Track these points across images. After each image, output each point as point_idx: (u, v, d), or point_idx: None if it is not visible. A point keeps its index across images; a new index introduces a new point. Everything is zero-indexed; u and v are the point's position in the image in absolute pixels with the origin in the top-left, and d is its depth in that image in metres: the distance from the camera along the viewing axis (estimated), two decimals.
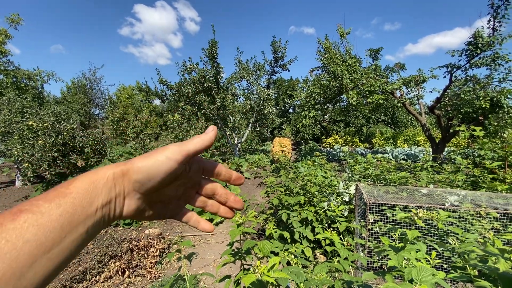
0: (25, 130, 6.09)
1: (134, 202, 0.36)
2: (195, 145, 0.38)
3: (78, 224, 0.29)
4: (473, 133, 4.47)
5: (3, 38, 14.57)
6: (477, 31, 8.24)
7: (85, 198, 0.30)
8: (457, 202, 2.71)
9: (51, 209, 0.27)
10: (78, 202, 0.29)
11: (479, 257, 1.34)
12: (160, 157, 0.35)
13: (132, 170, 0.35)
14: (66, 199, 0.29)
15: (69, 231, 0.28)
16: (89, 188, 0.31)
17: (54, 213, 0.27)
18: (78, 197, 0.30)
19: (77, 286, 3.02)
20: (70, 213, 0.28)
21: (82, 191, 0.30)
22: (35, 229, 0.25)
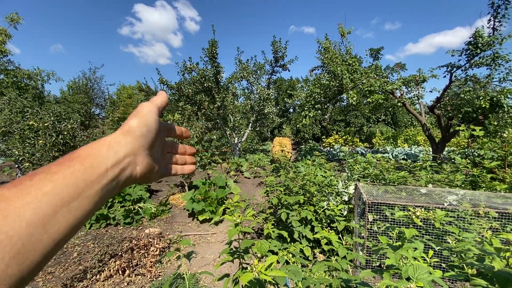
0: (25, 130, 6.11)
1: (144, 158, 0.40)
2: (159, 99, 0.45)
3: (92, 182, 0.32)
4: (473, 132, 4.47)
5: (3, 37, 14.57)
6: (477, 31, 8.23)
7: (93, 159, 0.33)
8: (455, 202, 2.72)
9: (62, 169, 0.30)
10: (87, 163, 0.32)
11: (476, 256, 1.35)
12: (145, 112, 0.41)
13: (133, 128, 0.39)
14: (74, 161, 0.32)
15: (84, 187, 0.31)
16: (92, 152, 0.34)
17: (65, 172, 0.30)
18: (86, 159, 0.33)
19: (78, 285, 3.04)
20: (81, 171, 0.31)
21: (87, 154, 0.33)
22: (51, 184, 0.28)
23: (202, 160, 7.21)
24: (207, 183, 5.98)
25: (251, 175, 10.04)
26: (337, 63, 9.25)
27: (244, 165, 10.76)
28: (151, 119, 0.41)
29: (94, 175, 0.32)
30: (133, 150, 0.38)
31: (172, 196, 6.72)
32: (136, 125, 0.39)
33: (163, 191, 7.44)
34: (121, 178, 0.37)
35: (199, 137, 7.19)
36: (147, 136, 0.40)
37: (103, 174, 0.33)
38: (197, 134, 7.06)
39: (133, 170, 0.39)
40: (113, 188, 0.36)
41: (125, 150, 0.37)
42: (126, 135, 0.38)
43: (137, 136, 0.39)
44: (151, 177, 0.44)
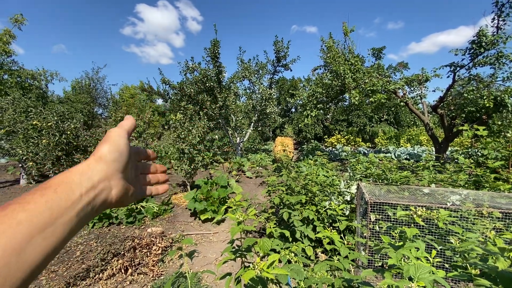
0: (29, 130, 6.16)
1: (119, 182, 0.41)
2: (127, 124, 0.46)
3: (66, 208, 0.32)
4: (477, 132, 4.44)
5: (7, 38, 14.69)
6: (481, 30, 8.17)
7: (66, 186, 0.34)
8: (459, 202, 2.70)
9: (35, 197, 0.31)
10: (60, 190, 0.33)
11: (479, 256, 1.34)
12: (115, 137, 0.42)
13: (104, 154, 0.40)
14: (47, 190, 0.32)
15: (58, 214, 0.31)
16: (66, 180, 0.35)
17: (39, 200, 0.30)
18: (59, 188, 0.33)
19: (81, 283, 3.06)
20: (54, 200, 0.32)
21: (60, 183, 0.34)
22: (25, 213, 0.29)
23: (204, 159, 7.22)
24: (209, 182, 5.99)
25: (252, 174, 10.05)
26: (340, 62, 9.22)
27: (246, 165, 10.77)
28: (121, 143, 0.42)
29: (68, 202, 0.33)
30: (107, 175, 0.39)
31: (174, 195, 6.74)
32: (108, 150, 0.40)
33: None
34: (96, 203, 0.37)
35: (201, 137, 7.20)
36: (119, 160, 0.41)
37: (77, 200, 0.34)
38: (199, 133, 7.07)
39: (108, 194, 0.40)
40: (88, 213, 0.36)
41: (99, 175, 0.38)
42: (99, 162, 0.39)
43: (110, 161, 0.40)
44: (126, 200, 0.45)
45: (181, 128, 6.99)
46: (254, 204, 5.48)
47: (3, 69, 14.96)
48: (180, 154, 6.86)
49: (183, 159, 6.84)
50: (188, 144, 6.84)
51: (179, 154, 6.86)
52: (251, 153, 15.52)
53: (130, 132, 0.46)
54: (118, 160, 0.41)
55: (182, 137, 6.90)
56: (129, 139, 0.45)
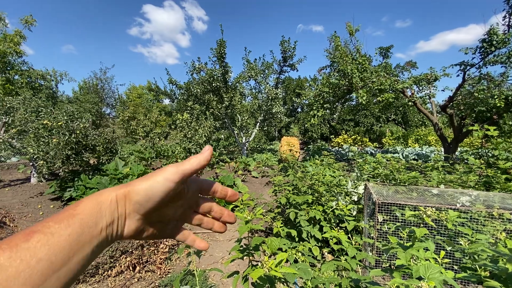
0: (40, 129, 6.29)
1: (134, 223, 0.38)
2: (191, 165, 0.39)
3: (84, 244, 0.31)
4: (487, 132, 4.36)
5: (18, 39, 15.02)
6: (491, 28, 8.01)
7: (91, 218, 0.32)
8: (468, 203, 2.66)
9: (60, 229, 0.29)
10: (85, 223, 0.32)
11: (490, 258, 1.32)
12: (158, 178, 0.37)
13: (132, 192, 0.37)
14: (74, 219, 0.31)
15: (76, 250, 0.30)
16: (94, 209, 0.33)
17: (63, 233, 0.29)
18: (85, 218, 0.32)
19: (90, 279, 3.11)
20: (78, 233, 0.31)
21: (88, 212, 0.33)
22: (46, 248, 0.28)
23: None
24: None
25: (258, 174, 10.06)
26: (347, 61, 9.15)
27: (251, 165, 10.79)
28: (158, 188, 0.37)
29: (88, 236, 0.32)
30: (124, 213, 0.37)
31: None
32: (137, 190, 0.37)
33: None
34: (111, 237, 0.36)
35: (208, 136, 7.24)
36: (143, 204, 0.37)
37: (97, 235, 0.33)
38: (206, 133, 7.11)
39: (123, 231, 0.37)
40: (101, 248, 0.35)
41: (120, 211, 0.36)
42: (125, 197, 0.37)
43: (133, 201, 0.37)
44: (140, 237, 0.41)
45: (188, 127, 7.05)
46: (260, 203, 5.49)
47: (14, 69, 15.30)
48: (187, 153, 6.92)
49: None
50: (195, 143, 6.89)
51: (186, 153, 6.92)
52: (257, 153, 15.54)
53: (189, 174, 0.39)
54: (141, 203, 0.37)
55: (189, 136, 6.96)
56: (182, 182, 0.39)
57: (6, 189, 7.30)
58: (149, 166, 10.39)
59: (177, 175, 0.38)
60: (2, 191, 7.09)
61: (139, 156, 10.76)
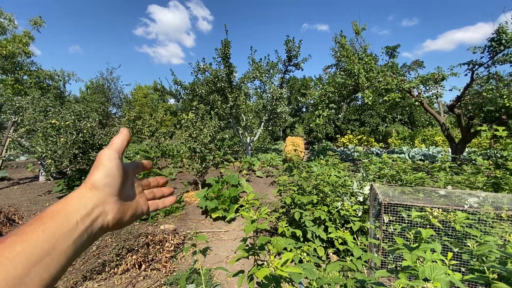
0: (48, 128, 6.38)
1: (114, 206, 0.42)
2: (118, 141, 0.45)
3: (63, 236, 0.33)
4: (496, 133, 4.28)
5: (26, 39, 15.28)
6: (500, 27, 7.87)
7: (62, 215, 0.35)
8: (476, 204, 2.62)
9: (32, 229, 0.32)
10: (56, 219, 0.34)
11: (498, 260, 1.31)
12: (105, 162, 0.42)
13: (96, 181, 0.40)
14: (43, 220, 0.33)
15: (55, 243, 0.32)
16: (61, 208, 0.35)
17: (36, 230, 0.31)
18: (55, 216, 0.34)
19: (97, 277, 3.16)
20: (52, 229, 0.33)
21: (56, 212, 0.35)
22: (23, 244, 0.30)
23: (215, 158, 7.30)
24: (220, 181, 6.05)
25: (263, 174, 10.06)
26: (354, 61, 9.08)
27: (256, 164, 10.79)
28: (112, 166, 0.42)
29: (65, 229, 0.34)
30: (100, 200, 0.39)
31: (186, 193, 6.84)
32: (99, 177, 0.40)
33: (177, 188, 7.59)
34: (92, 230, 0.38)
35: (212, 136, 7.27)
36: (112, 184, 0.41)
37: (74, 228, 0.35)
38: (211, 133, 7.14)
39: (104, 219, 0.40)
40: (85, 240, 0.37)
41: (93, 202, 0.38)
42: (92, 189, 0.39)
43: (102, 187, 0.40)
44: (125, 222, 0.45)
45: (193, 127, 7.09)
46: (264, 203, 5.49)
47: (23, 70, 15.58)
48: (192, 153, 6.96)
49: (195, 158, 6.94)
50: (200, 143, 6.92)
51: (191, 153, 6.96)
52: (261, 153, 15.54)
53: (122, 150, 0.45)
54: (111, 184, 0.41)
55: (194, 136, 6.99)
56: (122, 157, 0.45)
57: (15, 187, 7.44)
58: (154, 165, 10.48)
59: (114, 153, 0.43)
60: (11, 189, 7.22)
61: (145, 155, 10.86)
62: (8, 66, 14.63)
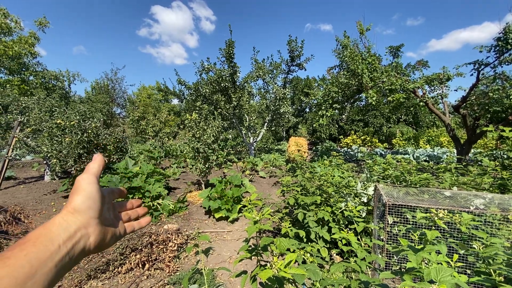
0: (53, 128, 6.45)
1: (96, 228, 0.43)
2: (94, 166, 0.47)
3: (45, 259, 0.34)
4: (502, 133, 4.22)
5: (32, 40, 15.45)
6: (507, 26, 7.77)
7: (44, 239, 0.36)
8: (483, 206, 2.59)
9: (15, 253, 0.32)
10: (38, 243, 0.35)
11: (505, 262, 1.29)
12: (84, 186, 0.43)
13: (78, 205, 0.41)
14: (26, 244, 0.34)
15: (38, 266, 0.33)
16: (43, 232, 0.37)
17: (19, 255, 0.32)
18: (37, 241, 0.35)
19: (101, 276, 3.18)
20: (34, 253, 0.33)
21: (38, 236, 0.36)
22: (5, 269, 0.30)
23: (218, 159, 7.31)
24: (223, 181, 6.06)
25: (266, 174, 10.05)
26: (358, 61, 9.03)
27: (259, 165, 10.79)
28: (92, 190, 0.43)
29: (47, 253, 0.34)
30: (83, 223, 0.41)
31: (189, 193, 6.86)
32: (81, 201, 0.42)
33: (180, 188, 7.61)
34: (74, 252, 0.39)
35: (216, 136, 7.28)
36: (93, 207, 0.43)
37: (56, 251, 0.36)
38: (214, 133, 7.15)
39: (86, 242, 0.41)
40: (66, 263, 0.37)
41: (76, 225, 0.40)
42: (74, 213, 0.41)
43: (84, 211, 0.41)
44: (106, 244, 0.46)
45: (196, 127, 7.10)
46: (267, 204, 5.49)
47: (29, 70, 15.75)
48: (195, 153, 6.97)
49: (198, 158, 6.95)
50: (203, 143, 6.94)
51: (194, 153, 6.97)
52: (265, 153, 15.53)
53: (99, 175, 0.47)
54: (92, 207, 0.42)
55: (197, 136, 7.01)
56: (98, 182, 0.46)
57: (21, 186, 7.52)
58: (158, 165, 10.53)
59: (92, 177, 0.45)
60: (17, 188, 7.31)
61: (149, 155, 10.91)
62: (15, 66, 14.80)
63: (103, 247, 0.45)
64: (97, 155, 0.49)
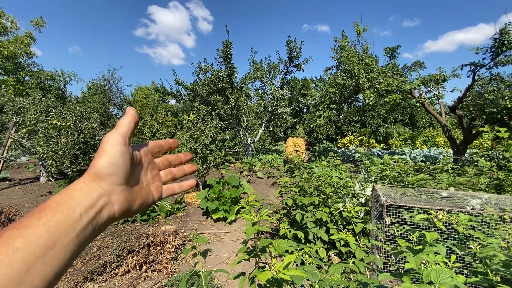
0: (49, 129, 6.40)
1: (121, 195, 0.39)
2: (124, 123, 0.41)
3: (66, 229, 0.31)
4: (498, 134, 4.26)
5: (28, 40, 15.33)
6: (504, 28, 7.85)
7: (64, 206, 0.32)
8: (479, 206, 2.61)
9: (33, 221, 0.29)
10: (59, 211, 0.31)
11: (502, 262, 1.29)
12: (109, 149, 0.38)
13: (98, 171, 0.37)
14: (45, 211, 0.31)
15: (58, 236, 0.30)
16: (64, 199, 0.33)
17: (37, 223, 0.29)
18: (57, 207, 0.32)
19: (98, 278, 3.15)
20: (54, 221, 0.30)
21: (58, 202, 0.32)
22: (22, 239, 0.28)
23: (216, 159, 7.29)
24: (221, 182, 6.04)
25: (264, 175, 10.05)
26: (354, 62, 9.07)
27: (257, 165, 10.78)
28: (117, 153, 0.38)
29: (68, 222, 0.31)
30: (105, 191, 0.37)
31: (187, 194, 6.83)
32: (102, 165, 0.37)
33: None
34: (98, 221, 0.35)
35: (213, 137, 7.27)
36: (117, 173, 0.38)
37: (77, 220, 0.33)
38: (212, 134, 7.14)
39: (110, 210, 0.38)
40: (90, 233, 0.34)
41: (98, 192, 0.36)
42: (95, 179, 0.37)
43: (106, 176, 0.37)
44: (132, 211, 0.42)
45: (194, 128, 7.09)
46: (265, 204, 5.48)
47: (25, 70, 15.62)
48: (193, 154, 6.95)
49: (196, 158, 6.93)
50: (201, 144, 6.92)
51: (192, 153, 6.95)
52: (262, 154, 15.53)
53: (129, 134, 0.41)
54: (116, 173, 0.38)
55: (195, 137, 6.99)
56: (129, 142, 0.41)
57: (16, 188, 7.45)
58: None
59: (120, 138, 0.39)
60: (13, 190, 7.23)
61: None
62: (10, 66, 14.67)
63: (130, 214, 0.42)
64: (130, 108, 0.43)
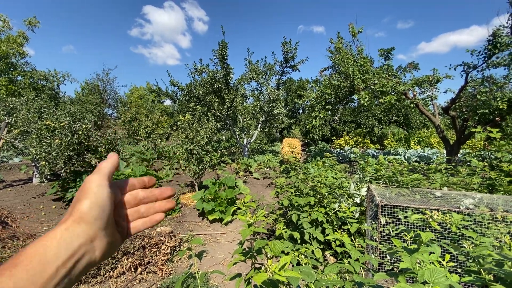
0: (42, 130, 6.30)
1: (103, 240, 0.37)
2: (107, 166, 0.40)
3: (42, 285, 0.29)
4: (490, 134, 4.34)
5: (21, 40, 15.12)
6: (496, 30, 8.00)
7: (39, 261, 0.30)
8: (472, 206, 2.64)
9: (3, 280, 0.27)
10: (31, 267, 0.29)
11: (495, 261, 1.31)
12: (94, 189, 0.36)
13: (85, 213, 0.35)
14: (17, 268, 0.28)
15: None
16: (39, 251, 0.30)
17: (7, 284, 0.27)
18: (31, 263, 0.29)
19: (92, 280, 3.11)
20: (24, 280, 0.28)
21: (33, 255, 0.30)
22: None
23: (211, 160, 7.27)
24: (216, 183, 6.02)
25: (260, 176, 10.05)
26: (349, 63, 9.15)
27: (253, 166, 10.78)
28: (102, 195, 0.37)
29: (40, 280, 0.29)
30: (89, 236, 0.35)
31: (183, 195, 6.79)
32: (88, 208, 0.35)
33: None
34: (76, 272, 0.33)
35: (209, 138, 7.24)
36: (102, 217, 0.36)
37: (53, 275, 0.30)
38: (207, 134, 7.12)
39: (91, 257, 0.35)
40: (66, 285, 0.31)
41: (80, 240, 0.33)
42: (80, 223, 0.34)
43: (92, 220, 0.35)
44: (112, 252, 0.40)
45: (190, 129, 7.05)
46: (261, 205, 5.48)
47: (17, 70, 15.40)
48: (189, 155, 6.92)
49: (192, 159, 6.90)
50: (197, 144, 6.89)
51: (188, 154, 6.92)
52: (258, 154, 15.53)
53: (111, 176, 0.40)
54: (101, 217, 0.36)
55: (191, 137, 6.96)
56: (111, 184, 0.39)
57: (8, 189, 7.32)
58: (150, 167, 10.41)
59: (104, 179, 0.38)
60: (5, 191, 7.11)
61: (141, 157, 10.78)
62: (2, 66, 14.45)
63: (111, 254, 0.40)
64: (112, 153, 0.43)
